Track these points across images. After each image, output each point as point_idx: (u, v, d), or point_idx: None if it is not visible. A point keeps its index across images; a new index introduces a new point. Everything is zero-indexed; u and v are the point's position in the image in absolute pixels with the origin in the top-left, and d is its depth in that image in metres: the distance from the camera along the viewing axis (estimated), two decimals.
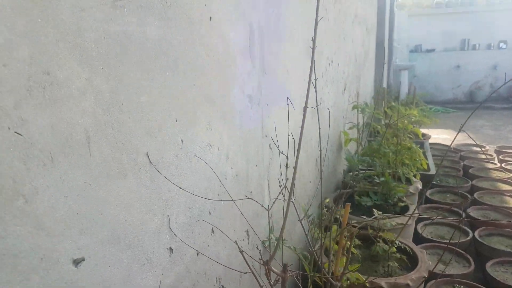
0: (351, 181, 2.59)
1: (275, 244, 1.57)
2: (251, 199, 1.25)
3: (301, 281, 1.27)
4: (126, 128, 0.72)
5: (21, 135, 0.54)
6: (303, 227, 1.26)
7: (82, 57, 0.61)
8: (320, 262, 1.36)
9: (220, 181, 1.14)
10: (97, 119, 0.65)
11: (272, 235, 1.64)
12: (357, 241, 1.92)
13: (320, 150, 1.23)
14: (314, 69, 0.83)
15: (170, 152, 0.88)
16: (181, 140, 0.93)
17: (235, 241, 1.18)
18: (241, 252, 1.02)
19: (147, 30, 0.74)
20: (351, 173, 2.72)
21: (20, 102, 0.54)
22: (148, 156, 0.79)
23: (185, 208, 0.98)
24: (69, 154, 0.61)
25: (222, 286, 1.23)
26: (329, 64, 2.43)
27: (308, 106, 0.82)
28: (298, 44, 1.81)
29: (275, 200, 1.20)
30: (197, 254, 1.07)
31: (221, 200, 1.14)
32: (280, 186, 1.40)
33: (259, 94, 1.44)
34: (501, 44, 9.26)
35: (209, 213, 1.13)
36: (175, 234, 0.94)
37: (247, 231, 1.44)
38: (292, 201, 1.21)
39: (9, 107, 0.53)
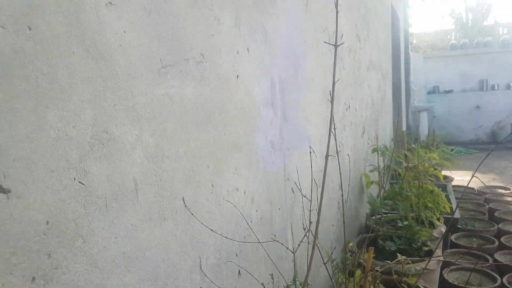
0: (374, 225, 2.58)
1: None
2: (277, 241, 1.31)
3: None
4: (166, 176, 0.81)
5: (84, 184, 0.64)
6: (327, 271, 1.30)
7: (134, 117, 0.72)
8: None
9: (247, 223, 1.21)
10: (144, 168, 0.75)
11: (296, 280, 1.66)
12: (381, 287, 1.90)
13: (342, 194, 1.29)
14: (334, 123, 0.92)
15: (203, 196, 0.97)
16: (212, 185, 1.02)
17: (262, 282, 1.22)
18: None
19: (186, 91, 0.86)
20: (374, 217, 2.72)
21: (84, 157, 0.64)
22: (184, 201, 0.88)
23: (214, 250, 1.04)
24: (120, 200, 0.70)
25: None
26: (346, 109, 2.52)
27: (330, 155, 0.90)
28: (316, 92, 1.92)
29: (300, 243, 1.25)
30: None
31: (248, 242, 1.20)
32: (304, 229, 1.45)
33: (281, 140, 1.53)
34: None
35: (236, 255, 1.19)
36: (205, 275, 1.00)
37: (272, 274, 1.48)
38: (317, 245, 1.25)
39: (75, 161, 0.63)
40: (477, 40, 10.06)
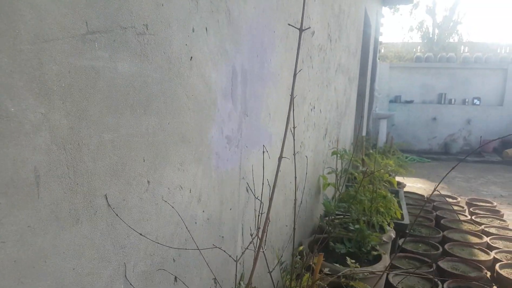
0: (327, 227, 2.56)
1: None
2: (219, 248, 1.18)
3: None
4: (83, 168, 0.66)
5: None
6: (272, 280, 1.19)
7: (40, 91, 0.56)
8: None
9: (188, 225, 1.07)
10: (50, 157, 0.59)
11: (242, 282, 1.55)
12: None
13: (295, 197, 1.18)
14: (294, 118, 0.81)
15: (134, 194, 0.82)
16: (148, 181, 0.87)
17: None
18: None
19: (119, 65, 0.71)
20: (327, 218, 2.70)
21: None
22: (106, 199, 0.73)
23: (145, 255, 0.90)
24: (12, 195, 0.55)
25: None
26: (311, 109, 2.44)
27: (283, 157, 0.78)
28: (282, 89, 1.81)
29: (244, 251, 1.14)
30: None
31: (187, 249, 1.07)
32: (251, 235, 1.34)
33: (239, 135, 1.41)
34: (475, 100, 9.77)
35: (174, 260, 1.05)
36: (131, 284, 0.86)
37: (215, 278, 1.36)
38: (263, 251, 1.14)
39: None
40: (440, 55, 10.43)
